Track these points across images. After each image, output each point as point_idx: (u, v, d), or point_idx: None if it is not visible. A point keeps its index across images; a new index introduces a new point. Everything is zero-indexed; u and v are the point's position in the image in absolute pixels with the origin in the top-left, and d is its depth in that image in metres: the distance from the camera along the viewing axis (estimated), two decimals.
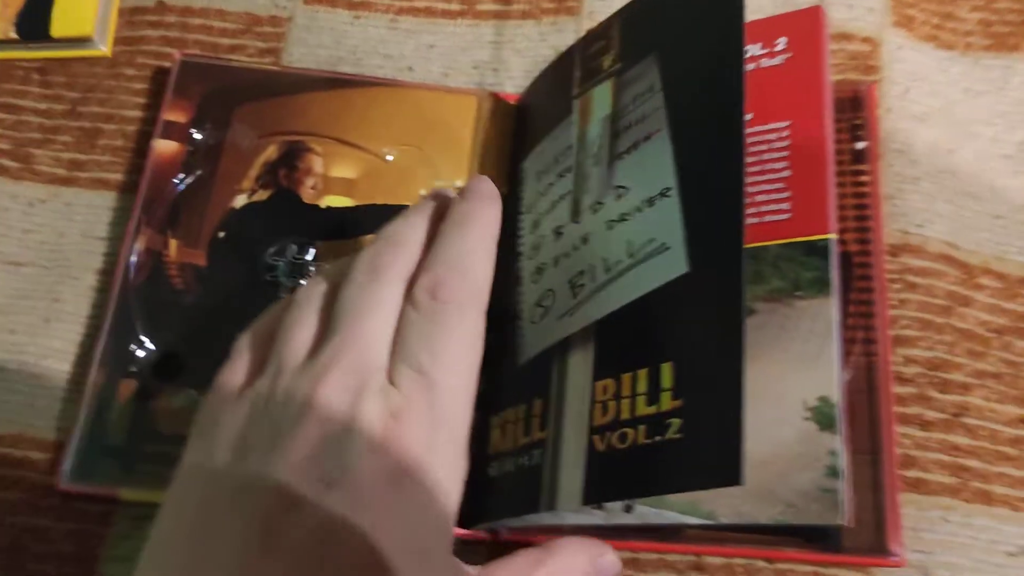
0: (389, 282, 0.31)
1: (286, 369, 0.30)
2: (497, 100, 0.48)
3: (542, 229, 0.42)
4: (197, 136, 0.46)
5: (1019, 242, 0.45)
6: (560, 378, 0.37)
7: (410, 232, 0.33)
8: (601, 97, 0.42)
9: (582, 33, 0.50)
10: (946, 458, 0.40)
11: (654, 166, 0.37)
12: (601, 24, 0.44)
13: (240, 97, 0.47)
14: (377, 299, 0.30)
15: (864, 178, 0.44)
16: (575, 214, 0.40)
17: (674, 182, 0.36)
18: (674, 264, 0.34)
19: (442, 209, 0.34)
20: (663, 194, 0.36)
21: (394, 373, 0.29)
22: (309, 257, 0.44)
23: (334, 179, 0.46)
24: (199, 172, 0.46)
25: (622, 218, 0.37)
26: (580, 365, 0.36)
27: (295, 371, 0.30)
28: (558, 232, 0.41)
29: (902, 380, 0.41)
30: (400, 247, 0.32)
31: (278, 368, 0.30)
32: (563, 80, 0.45)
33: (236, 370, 0.32)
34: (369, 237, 0.45)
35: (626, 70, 0.41)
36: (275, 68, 0.49)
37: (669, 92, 0.38)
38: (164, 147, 0.46)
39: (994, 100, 0.48)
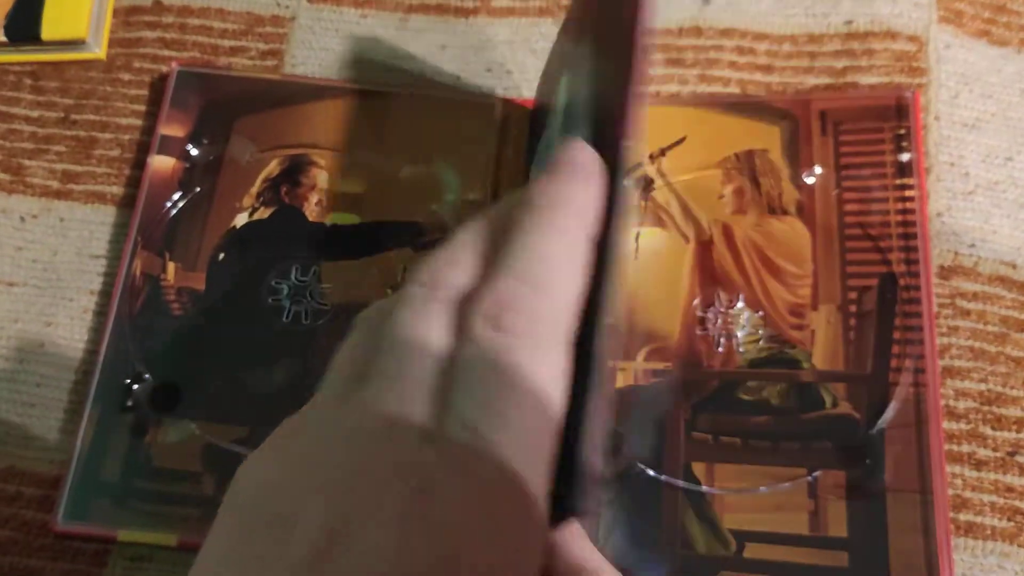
0: (436, 310, 0.22)
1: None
2: (513, 107, 0.45)
3: None
4: (195, 152, 0.44)
5: None
6: None
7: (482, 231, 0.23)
8: (563, 85, 0.37)
9: None
10: (1001, 500, 0.37)
11: None
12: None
13: (240, 108, 0.45)
14: (422, 330, 0.22)
15: (910, 193, 0.40)
16: None
17: None
18: None
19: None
20: None
21: (439, 432, 0.20)
22: (314, 279, 0.42)
23: (340, 194, 0.43)
24: (197, 189, 0.43)
25: None
26: None
27: None
28: None
29: (953, 415, 0.38)
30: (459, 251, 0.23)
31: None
32: (550, 70, 0.41)
33: None
34: (379, 257, 0.42)
35: (576, 54, 0.35)
36: (277, 77, 0.46)
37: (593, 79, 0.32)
38: (161, 163, 0.43)
39: None
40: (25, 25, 0.47)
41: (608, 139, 0.24)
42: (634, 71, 0.23)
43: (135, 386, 0.40)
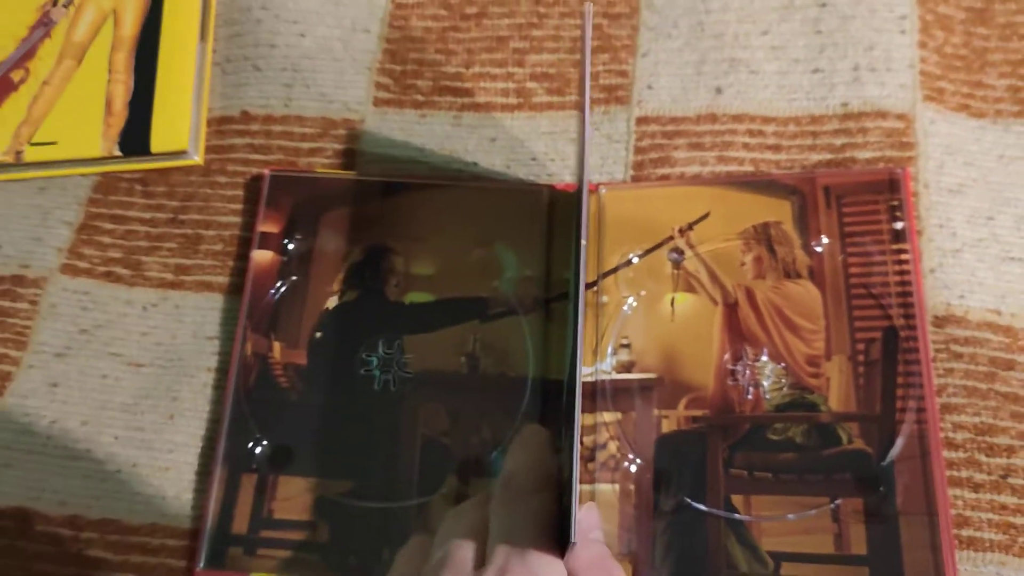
0: None
1: None
2: (558, 192, 0.52)
3: None
4: (290, 245, 0.51)
5: None
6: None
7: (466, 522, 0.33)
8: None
9: (632, 121, 0.54)
10: (996, 517, 0.43)
11: None
12: None
13: (325, 205, 0.52)
14: None
15: (905, 256, 0.47)
16: None
17: None
18: None
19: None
20: None
21: None
22: (398, 351, 0.49)
23: (415, 276, 0.51)
24: (294, 278, 0.51)
25: None
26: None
27: None
28: None
29: (951, 446, 0.44)
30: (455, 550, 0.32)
31: None
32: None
33: None
34: (452, 329, 0.49)
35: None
36: (354, 176, 0.54)
37: None
38: (261, 257, 0.51)
39: None
40: (136, 140, 0.55)
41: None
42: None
43: (256, 450, 0.47)
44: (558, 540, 0.31)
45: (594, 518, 0.39)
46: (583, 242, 0.36)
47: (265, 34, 0.58)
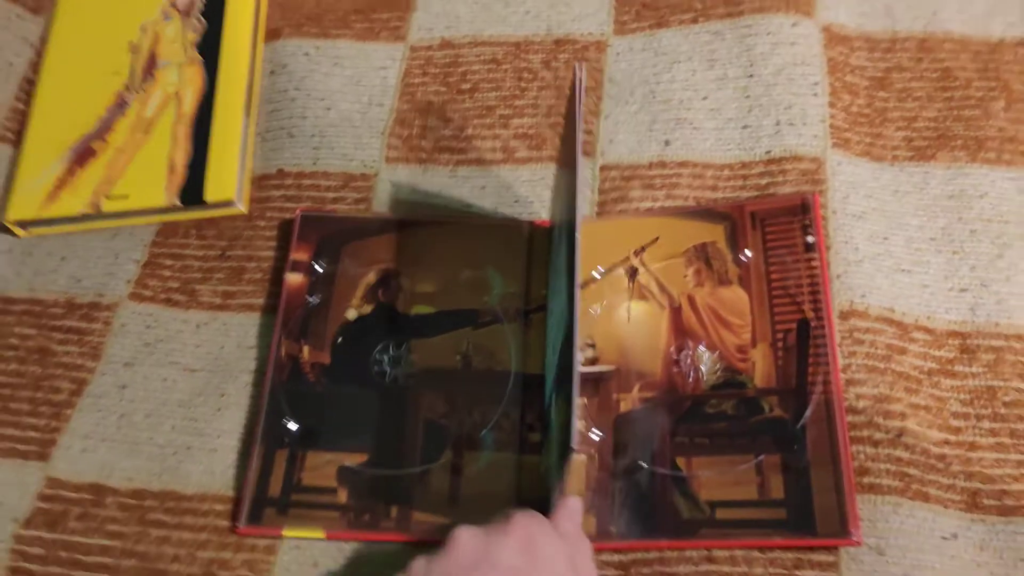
0: None
1: None
2: (536, 227, 0.64)
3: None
4: (318, 269, 0.63)
5: (944, 304, 0.58)
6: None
7: None
8: (556, 207, 0.58)
9: (597, 169, 0.67)
10: (893, 467, 0.52)
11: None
12: None
13: (346, 238, 0.64)
14: None
15: (814, 263, 0.58)
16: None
17: None
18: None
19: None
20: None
21: None
22: (405, 352, 0.60)
23: (419, 293, 0.62)
24: (320, 295, 0.62)
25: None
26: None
27: None
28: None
29: (854, 411, 0.54)
30: None
31: None
32: (554, 197, 0.61)
33: None
34: (450, 334, 0.60)
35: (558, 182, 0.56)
36: (369, 215, 0.66)
37: None
38: (293, 279, 0.63)
39: (917, 198, 0.62)
40: (193, 193, 0.68)
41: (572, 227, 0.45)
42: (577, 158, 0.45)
43: (288, 430, 0.57)
44: None
45: (579, 507, 0.50)
46: (577, 235, 0.47)
47: (298, 109, 0.72)
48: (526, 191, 0.67)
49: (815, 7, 0.70)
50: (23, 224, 0.69)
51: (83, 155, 0.70)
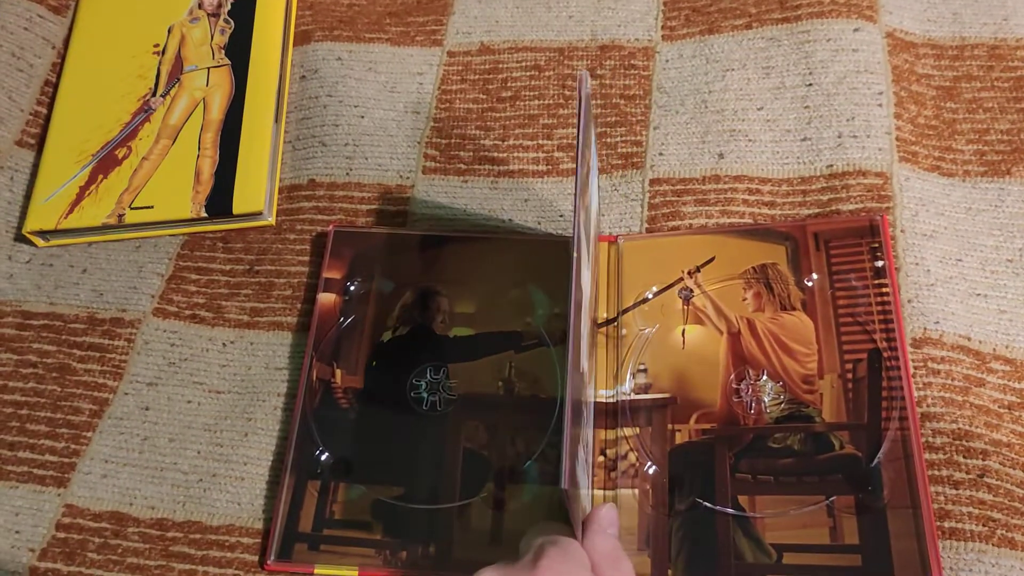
0: None
1: None
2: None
3: None
4: (351, 288, 0.59)
5: None
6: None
7: None
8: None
9: (646, 183, 0.63)
10: (975, 511, 0.48)
11: None
12: None
13: (381, 256, 0.61)
14: None
15: (885, 289, 0.54)
16: None
17: None
18: None
19: None
20: None
21: None
22: (443, 377, 0.56)
23: (458, 314, 0.58)
24: (353, 316, 0.59)
25: None
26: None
27: None
28: None
29: (932, 448, 0.50)
30: None
31: None
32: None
33: None
34: (491, 358, 0.57)
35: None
36: (405, 232, 0.62)
37: None
38: (326, 299, 0.59)
39: (992, 216, 0.58)
40: (220, 204, 0.65)
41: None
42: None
43: (320, 459, 0.54)
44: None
45: (613, 515, 0.46)
46: (573, 252, 0.45)
47: (330, 116, 0.68)
48: (571, 205, 0.63)
49: (878, 12, 0.66)
50: (43, 235, 0.66)
51: (106, 163, 0.67)
